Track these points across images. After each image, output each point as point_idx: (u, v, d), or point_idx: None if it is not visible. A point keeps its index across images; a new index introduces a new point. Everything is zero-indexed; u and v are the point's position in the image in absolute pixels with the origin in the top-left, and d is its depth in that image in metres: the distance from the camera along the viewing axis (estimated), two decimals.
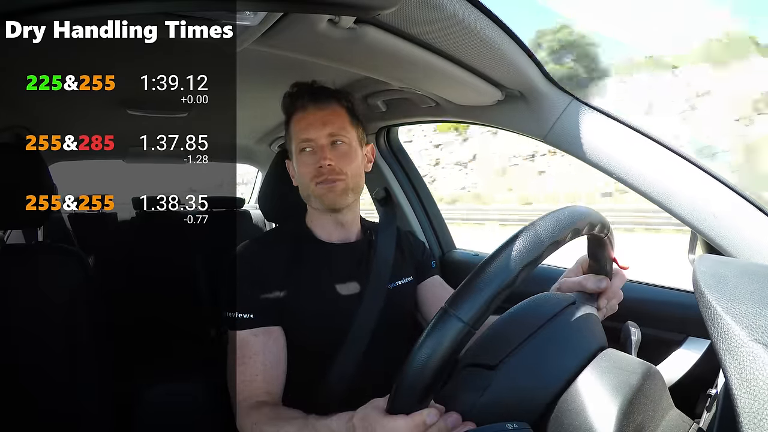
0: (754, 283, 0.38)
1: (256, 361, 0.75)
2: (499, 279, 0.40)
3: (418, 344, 0.41)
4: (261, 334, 0.76)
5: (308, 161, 0.81)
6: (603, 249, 0.57)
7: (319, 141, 0.81)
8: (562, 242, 0.44)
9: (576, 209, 0.47)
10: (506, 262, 0.40)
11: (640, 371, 0.46)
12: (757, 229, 0.65)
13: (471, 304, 0.40)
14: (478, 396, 0.45)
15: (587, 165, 0.75)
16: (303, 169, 0.82)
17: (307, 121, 0.82)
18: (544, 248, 0.42)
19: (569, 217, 0.45)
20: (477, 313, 0.40)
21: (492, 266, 0.41)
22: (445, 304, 0.41)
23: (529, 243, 0.42)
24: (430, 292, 0.93)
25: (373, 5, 0.52)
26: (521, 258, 0.41)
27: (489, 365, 0.46)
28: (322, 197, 0.81)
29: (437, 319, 0.41)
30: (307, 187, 0.82)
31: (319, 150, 0.81)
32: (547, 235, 0.43)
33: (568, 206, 0.47)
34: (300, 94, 0.84)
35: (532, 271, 0.42)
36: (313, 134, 0.81)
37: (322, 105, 0.83)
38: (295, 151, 0.83)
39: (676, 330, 0.87)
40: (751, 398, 0.29)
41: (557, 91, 0.77)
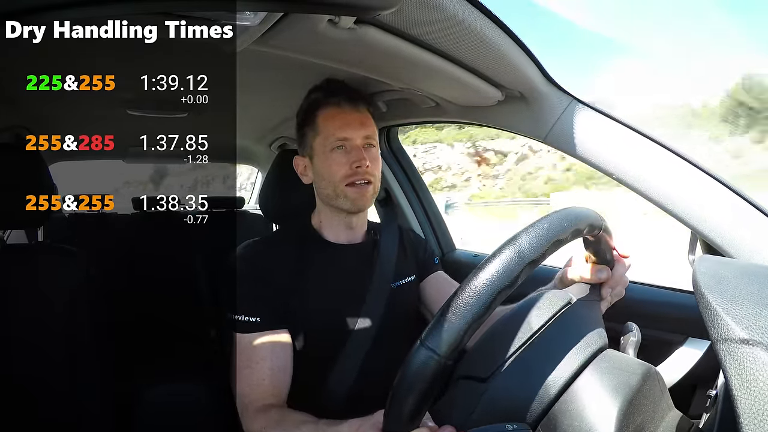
0: (754, 283, 0.38)
1: (263, 366, 0.74)
2: (471, 311, 0.39)
3: (399, 371, 0.41)
4: (267, 337, 0.76)
5: (341, 160, 0.80)
6: (599, 242, 0.56)
7: (355, 141, 0.81)
8: (539, 261, 0.42)
9: (551, 223, 0.44)
10: (476, 292, 0.39)
11: (640, 372, 0.46)
12: (756, 229, 0.65)
13: (443, 338, 0.39)
14: (473, 408, 0.45)
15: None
16: (334, 167, 0.80)
17: (344, 120, 0.81)
18: (519, 270, 0.40)
19: (548, 231, 0.43)
20: (449, 346, 0.39)
21: (462, 297, 0.40)
22: (420, 337, 0.41)
23: (501, 268, 0.40)
24: (435, 288, 0.93)
25: (373, 5, 0.51)
26: (492, 286, 0.39)
27: (481, 378, 0.46)
28: (354, 199, 0.81)
29: (413, 352, 0.41)
30: (335, 186, 0.81)
31: (355, 150, 0.80)
32: (522, 257, 0.40)
33: (543, 219, 0.44)
34: (335, 91, 0.83)
35: (508, 294, 0.41)
36: (351, 134, 0.80)
37: (359, 107, 0.83)
38: (324, 148, 0.81)
39: (676, 330, 0.87)
40: (751, 398, 0.29)
41: (557, 91, 0.77)
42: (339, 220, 0.85)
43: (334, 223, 0.86)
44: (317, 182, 0.85)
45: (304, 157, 0.86)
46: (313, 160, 0.84)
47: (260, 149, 1.79)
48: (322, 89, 0.84)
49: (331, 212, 0.85)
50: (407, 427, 0.43)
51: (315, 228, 0.87)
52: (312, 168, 0.84)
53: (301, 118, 0.86)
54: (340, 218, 0.85)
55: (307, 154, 0.85)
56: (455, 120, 1.03)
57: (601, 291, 0.61)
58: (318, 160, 0.83)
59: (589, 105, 0.75)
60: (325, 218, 0.86)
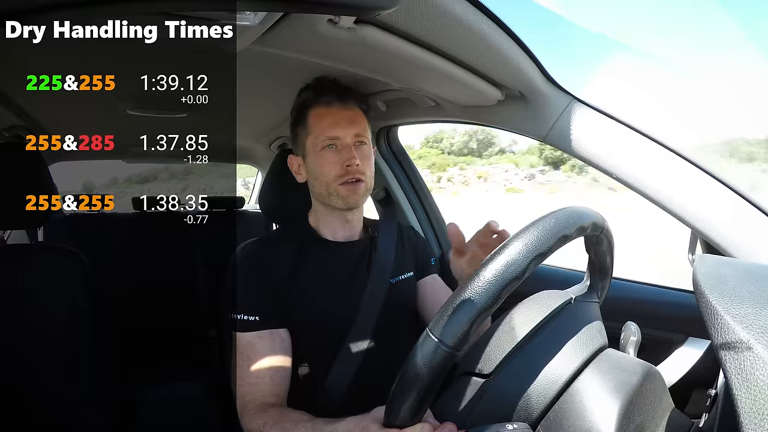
0: (754, 283, 0.38)
1: (262, 364, 0.74)
2: (479, 302, 0.39)
3: (404, 364, 0.41)
4: (267, 336, 0.76)
5: (333, 159, 0.80)
6: (600, 244, 0.56)
7: (345, 140, 0.81)
8: (547, 254, 0.43)
9: (558, 218, 0.45)
10: (486, 283, 0.39)
11: (640, 371, 0.46)
12: (756, 229, 0.65)
13: (451, 328, 0.39)
14: (474, 405, 0.45)
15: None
16: (326, 167, 0.80)
17: (333, 118, 0.81)
18: (527, 263, 0.41)
19: (555, 226, 0.43)
20: (457, 337, 0.39)
21: (472, 287, 0.40)
22: (428, 326, 0.41)
23: (510, 259, 0.40)
24: (429, 294, 0.94)
25: (373, 5, 0.51)
26: (502, 277, 0.40)
27: (484, 374, 0.46)
28: (346, 197, 0.81)
29: (420, 342, 0.41)
30: (328, 185, 0.81)
31: (346, 149, 0.80)
32: (530, 249, 0.41)
33: (551, 214, 0.45)
34: (325, 89, 0.83)
35: (517, 286, 0.41)
36: (340, 132, 0.80)
37: (348, 105, 0.83)
38: (315, 147, 0.82)
39: (676, 330, 0.87)
40: (751, 398, 0.29)
41: (557, 91, 0.77)
42: (335, 218, 0.86)
43: (330, 220, 0.86)
44: (311, 181, 0.85)
45: (298, 156, 0.86)
46: (306, 159, 0.84)
47: (260, 149, 1.79)
48: (312, 88, 0.84)
49: (326, 210, 0.85)
50: (410, 422, 0.43)
51: (312, 227, 0.87)
52: (305, 167, 0.85)
53: (293, 117, 0.86)
54: (336, 215, 0.85)
55: (300, 153, 0.85)
56: (455, 120, 1.02)
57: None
58: (310, 159, 0.83)
59: (589, 104, 0.75)
60: (321, 216, 0.87)
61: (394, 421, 0.44)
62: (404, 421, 0.43)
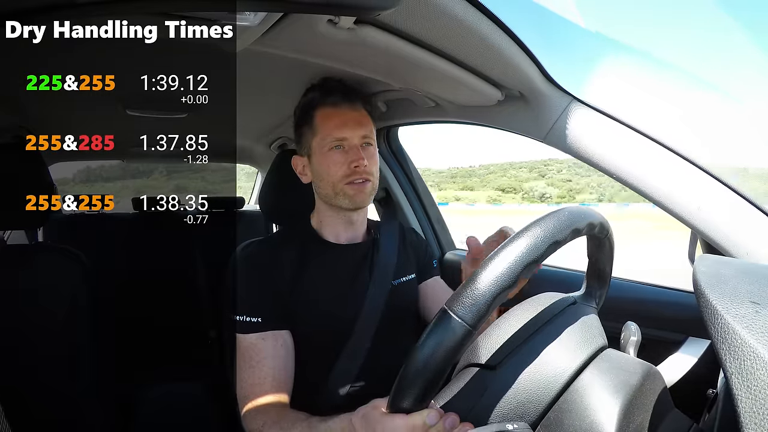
0: (754, 283, 0.38)
1: (264, 366, 0.74)
2: (499, 280, 0.40)
3: (418, 344, 0.41)
4: (269, 337, 0.76)
5: (339, 159, 0.80)
6: (601, 249, 0.57)
7: (353, 141, 0.81)
8: (563, 242, 0.44)
9: (576, 209, 0.47)
10: (507, 262, 0.40)
11: (640, 371, 0.46)
12: (757, 229, 0.65)
13: (471, 305, 0.39)
14: (478, 397, 0.45)
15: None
16: (333, 167, 0.80)
17: (341, 119, 0.81)
18: (545, 248, 0.42)
19: (569, 217, 0.45)
20: (477, 314, 0.39)
21: (492, 267, 0.40)
22: (445, 304, 0.41)
23: (530, 243, 0.42)
24: (430, 296, 0.94)
25: (373, 5, 0.51)
26: (522, 258, 0.41)
27: (489, 366, 0.46)
28: (353, 196, 0.81)
29: (437, 320, 0.40)
30: (334, 184, 0.81)
31: (353, 150, 0.80)
32: (548, 235, 0.42)
33: (568, 206, 0.48)
34: (331, 90, 0.83)
35: (533, 271, 0.42)
36: (348, 134, 0.81)
37: (356, 106, 0.83)
38: (322, 148, 0.82)
39: (676, 330, 0.87)
40: (752, 397, 0.29)
41: (557, 91, 0.77)
42: (339, 219, 0.85)
43: (334, 222, 0.86)
44: (316, 182, 0.85)
45: (303, 157, 0.86)
46: (312, 159, 0.84)
47: (260, 149, 1.79)
48: (319, 88, 0.84)
49: (331, 211, 0.85)
50: (417, 406, 0.43)
51: (315, 228, 0.87)
52: (310, 167, 0.84)
53: (298, 117, 0.86)
54: (340, 216, 0.85)
55: (305, 154, 0.85)
56: (455, 120, 1.02)
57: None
58: (316, 160, 0.83)
59: (588, 104, 0.75)
60: (325, 218, 0.86)
61: (401, 403, 0.43)
62: (410, 406, 0.43)
